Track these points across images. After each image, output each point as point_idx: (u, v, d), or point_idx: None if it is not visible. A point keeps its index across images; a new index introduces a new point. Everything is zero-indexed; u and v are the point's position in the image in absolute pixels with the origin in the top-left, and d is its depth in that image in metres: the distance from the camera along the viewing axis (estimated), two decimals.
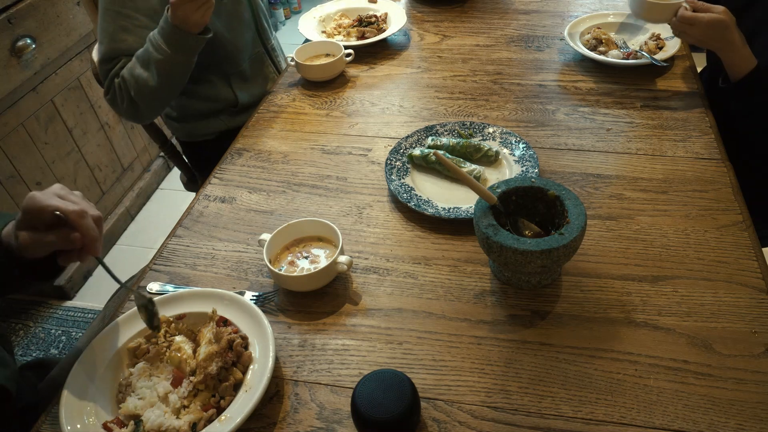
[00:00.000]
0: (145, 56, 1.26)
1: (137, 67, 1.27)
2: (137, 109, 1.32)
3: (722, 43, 1.14)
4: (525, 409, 0.75)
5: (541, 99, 1.31)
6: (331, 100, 1.38)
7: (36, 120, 1.94)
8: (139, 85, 1.27)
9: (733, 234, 0.95)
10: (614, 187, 1.06)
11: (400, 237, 1.01)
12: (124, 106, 1.32)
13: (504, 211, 0.88)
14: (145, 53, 1.26)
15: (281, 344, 0.86)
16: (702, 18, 1.14)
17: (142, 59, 1.26)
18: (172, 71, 1.27)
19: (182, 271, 0.98)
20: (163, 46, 1.22)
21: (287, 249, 0.96)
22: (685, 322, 0.83)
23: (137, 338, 0.84)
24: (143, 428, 0.74)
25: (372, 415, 0.66)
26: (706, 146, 1.14)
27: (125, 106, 1.32)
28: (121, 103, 1.32)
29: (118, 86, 1.30)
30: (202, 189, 1.16)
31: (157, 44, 1.23)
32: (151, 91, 1.28)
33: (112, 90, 1.32)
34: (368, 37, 1.55)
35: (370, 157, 1.20)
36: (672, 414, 0.73)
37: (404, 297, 0.91)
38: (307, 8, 1.75)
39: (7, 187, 1.85)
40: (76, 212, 0.72)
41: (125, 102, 1.31)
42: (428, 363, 0.81)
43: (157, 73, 1.25)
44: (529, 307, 0.87)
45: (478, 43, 1.55)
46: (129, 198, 2.46)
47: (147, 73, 1.26)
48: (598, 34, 1.44)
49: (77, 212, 0.72)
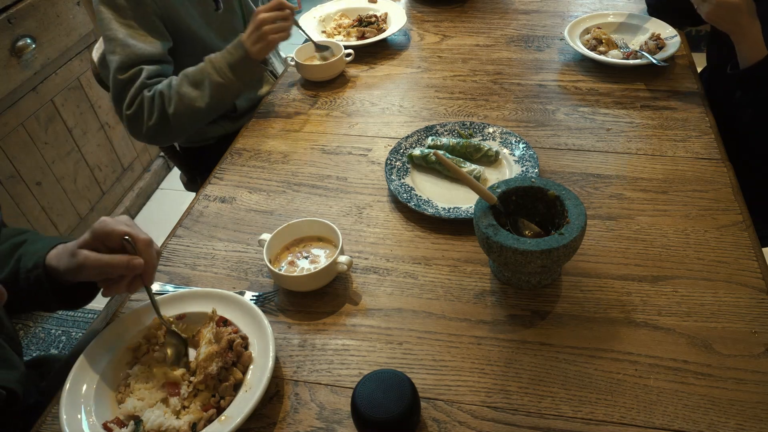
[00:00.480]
0: (198, 76, 1.25)
1: (185, 85, 1.24)
2: (167, 126, 1.26)
3: (732, 26, 1.12)
4: (525, 409, 0.75)
5: (541, 99, 1.31)
6: (331, 100, 1.38)
7: (36, 120, 1.94)
8: (183, 102, 1.24)
9: (733, 234, 0.95)
10: (614, 187, 1.06)
11: (400, 237, 1.01)
12: (151, 122, 1.25)
13: (504, 211, 0.88)
14: (199, 73, 1.25)
15: (281, 344, 0.86)
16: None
17: (194, 78, 1.25)
18: (226, 96, 1.27)
19: (182, 271, 0.98)
20: (227, 71, 1.24)
21: (287, 249, 0.96)
22: (685, 322, 0.83)
23: (137, 338, 0.84)
24: (143, 428, 0.74)
25: (372, 415, 0.66)
26: (706, 146, 1.14)
27: (153, 122, 1.25)
28: (148, 118, 1.25)
29: (149, 100, 1.25)
30: (202, 189, 1.16)
31: (219, 68, 1.24)
32: (195, 111, 1.25)
33: (138, 102, 1.25)
34: (368, 37, 1.55)
35: (370, 157, 1.20)
36: (672, 414, 0.73)
37: (404, 297, 0.91)
38: (307, 8, 1.75)
39: (7, 187, 1.85)
40: (145, 240, 0.77)
41: (154, 117, 1.25)
42: (428, 363, 0.81)
43: (210, 95, 1.25)
44: (529, 307, 0.87)
45: (478, 43, 1.55)
46: (129, 198, 2.46)
47: (197, 92, 1.24)
48: (598, 34, 1.45)
49: (145, 240, 0.77)
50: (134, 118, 1.27)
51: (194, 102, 1.25)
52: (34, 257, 0.80)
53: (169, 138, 1.34)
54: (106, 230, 0.76)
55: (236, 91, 1.29)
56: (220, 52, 1.27)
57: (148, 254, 0.77)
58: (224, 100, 1.29)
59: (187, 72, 1.26)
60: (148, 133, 1.28)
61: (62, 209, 2.10)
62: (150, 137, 1.30)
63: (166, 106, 1.24)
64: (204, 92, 1.25)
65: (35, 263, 0.80)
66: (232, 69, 1.25)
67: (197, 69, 1.26)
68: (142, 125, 1.27)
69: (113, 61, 1.26)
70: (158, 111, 1.25)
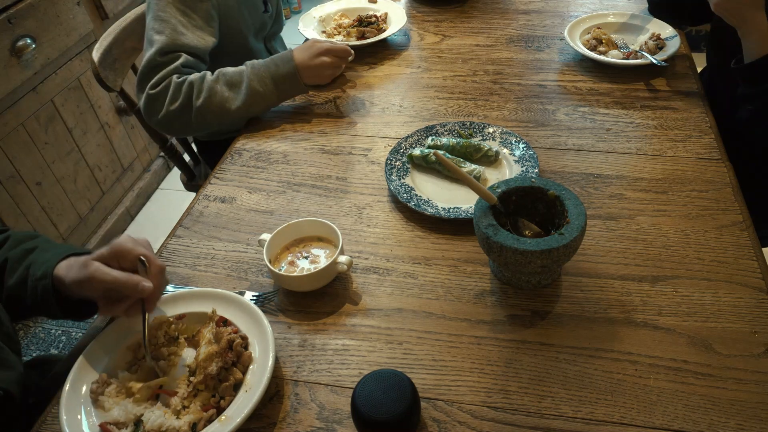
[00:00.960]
0: (237, 79, 1.25)
1: (220, 83, 1.24)
2: (187, 116, 1.23)
3: (738, 20, 1.11)
4: (525, 409, 0.75)
5: (541, 99, 1.31)
6: (331, 100, 1.38)
7: (36, 120, 1.94)
8: (213, 99, 1.23)
9: (733, 234, 0.95)
10: (614, 187, 1.06)
11: (400, 237, 1.01)
12: (172, 107, 1.22)
13: (504, 211, 0.88)
14: (238, 76, 1.25)
15: (281, 344, 0.86)
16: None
17: (231, 79, 1.24)
18: (258, 105, 1.27)
19: (182, 271, 0.98)
20: (269, 83, 1.24)
21: (287, 249, 0.96)
22: (685, 322, 0.83)
23: (137, 338, 0.84)
24: (143, 428, 0.74)
25: (372, 415, 0.66)
26: (706, 146, 1.14)
27: (174, 107, 1.22)
28: (170, 102, 1.22)
29: (177, 85, 1.22)
30: (202, 189, 1.16)
31: (261, 76, 1.24)
32: (223, 112, 1.24)
33: (164, 84, 1.22)
34: (368, 37, 1.55)
35: (370, 157, 1.20)
36: (672, 414, 0.73)
37: (404, 297, 0.91)
38: (307, 8, 1.75)
39: (7, 187, 1.85)
40: (159, 266, 0.79)
41: (177, 104, 1.22)
42: (428, 363, 0.81)
43: (244, 101, 1.24)
44: (529, 307, 0.87)
45: (478, 43, 1.55)
46: (129, 198, 2.46)
47: (231, 93, 1.23)
48: (598, 34, 1.45)
49: (160, 267, 0.79)
50: (155, 99, 1.23)
51: (225, 102, 1.23)
52: (44, 266, 0.81)
53: (183, 130, 1.31)
54: (124, 248, 0.77)
55: (270, 103, 1.29)
56: (263, 61, 1.28)
57: (158, 281, 0.78)
58: (255, 109, 1.28)
59: (226, 71, 1.25)
60: (165, 117, 1.24)
61: (62, 209, 2.10)
62: (165, 123, 1.26)
63: (194, 97, 1.22)
64: (238, 96, 1.24)
65: (44, 272, 0.80)
66: (275, 81, 1.26)
67: (236, 71, 1.26)
68: (162, 108, 1.23)
69: (157, 41, 1.23)
70: (183, 98, 1.22)
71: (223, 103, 1.24)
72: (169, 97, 1.22)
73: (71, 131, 2.11)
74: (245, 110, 1.26)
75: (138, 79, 1.27)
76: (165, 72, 1.23)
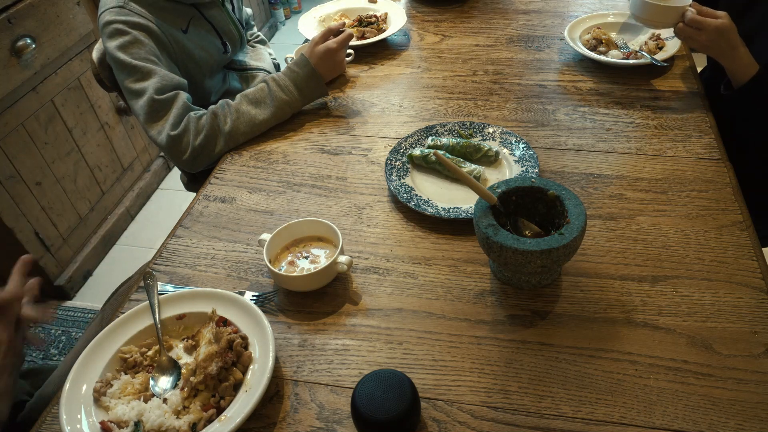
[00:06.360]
0: (260, 95, 1.27)
1: (244, 104, 1.26)
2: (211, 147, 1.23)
3: (727, 50, 1.13)
4: (525, 409, 0.75)
5: (541, 99, 1.32)
6: (331, 100, 1.38)
7: (36, 120, 1.94)
8: (242, 119, 1.25)
9: (733, 234, 0.95)
10: (614, 187, 1.06)
11: (400, 237, 1.01)
12: (197, 142, 1.22)
13: (504, 211, 0.88)
14: (261, 93, 1.28)
15: (281, 344, 0.86)
16: (711, 23, 1.12)
17: (254, 98, 1.27)
18: (284, 113, 1.29)
19: (182, 271, 0.98)
20: (293, 90, 1.29)
21: (287, 249, 0.96)
22: (685, 322, 0.83)
23: (131, 344, 0.84)
24: (143, 428, 0.74)
25: (372, 415, 0.66)
26: (706, 146, 1.14)
27: (198, 143, 1.22)
28: (194, 137, 1.22)
29: (196, 120, 1.23)
30: (202, 189, 1.16)
31: (284, 86, 1.28)
32: (253, 128, 1.26)
33: (185, 122, 1.22)
34: (368, 37, 1.55)
35: (370, 157, 1.20)
36: (672, 414, 0.73)
37: (404, 297, 0.91)
38: (307, 8, 1.75)
39: (7, 187, 1.85)
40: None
41: (201, 137, 1.22)
42: (428, 363, 0.81)
43: (272, 113, 1.27)
44: (529, 307, 0.87)
45: (478, 43, 1.55)
46: (129, 198, 2.46)
47: (257, 110, 1.27)
48: (598, 34, 1.45)
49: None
50: (178, 139, 1.22)
51: (253, 119, 1.26)
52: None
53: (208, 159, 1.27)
54: None
55: (295, 109, 1.31)
56: (282, 71, 1.31)
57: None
58: (282, 117, 1.30)
59: (247, 93, 1.29)
60: (192, 154, 1.23)
61: (62, 209, 2.10)
62: (191, 160, 1.24)
63: (221, 123, 1.24)
64: (266, 109, 1.27)
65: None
66: (298, 87, 1.29)
67: (257, 89, 1.29)
68: (188, 145, 1.22)
69: (149, 86, 1.22)
70: (208, 130, 1.22)
71: (251, 121, 1.26)
72: (192, 133, 1.22)
73: (71, 131, 2.11)
74: (272, 120, 1.29)
75: (144, 123, 1.25)
76: (179, 110, 1.23)
